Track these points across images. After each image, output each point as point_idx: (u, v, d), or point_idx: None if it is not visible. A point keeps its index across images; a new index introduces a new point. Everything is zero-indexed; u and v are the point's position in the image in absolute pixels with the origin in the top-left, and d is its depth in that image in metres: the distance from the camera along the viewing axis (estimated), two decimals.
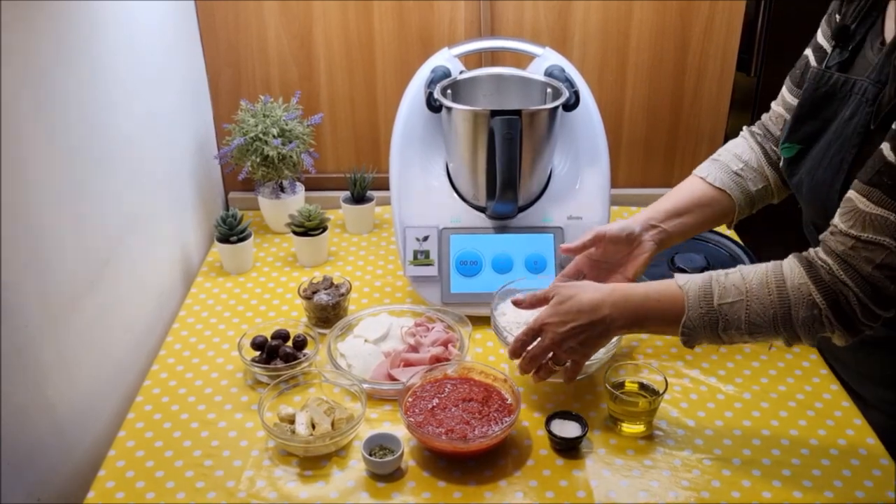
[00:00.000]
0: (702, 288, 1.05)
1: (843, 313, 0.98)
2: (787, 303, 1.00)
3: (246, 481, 1.12)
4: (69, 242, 1.14)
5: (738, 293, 1.02)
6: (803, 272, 1.00)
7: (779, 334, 1.02)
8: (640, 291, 1.10)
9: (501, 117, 1.33)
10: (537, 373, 1.17)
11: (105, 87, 1.25)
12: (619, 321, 1.09)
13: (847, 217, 0.98)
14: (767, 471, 1.13)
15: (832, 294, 0.98)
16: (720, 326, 1.03)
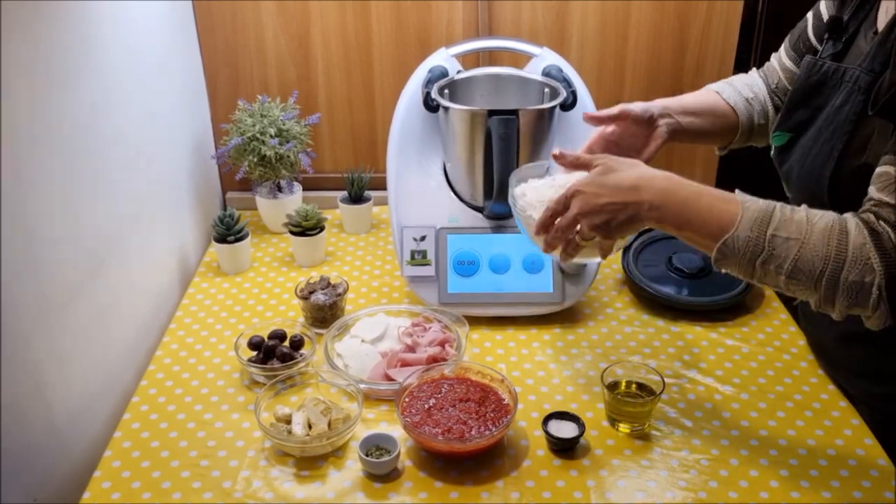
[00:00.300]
0: (762, 211, 0.95)
1: (894, 285, 0.90)
2: (843, 260, 0.92)
3: (242, 481, 1.11)
4: (65, 242, 1.14)
5: (798, 231, 0.93)
6: (866, 234, 0.92)
7: (816, 290, 0.93)
8: (693, 188, 0.99)
9: (499, 117, 1.33)
10: (564, 249, 1.07)
11: (102, 87, 1.25)
12: (656, 213, 0.98)
13: (889, 190, 0.92)
14: (765, 471, 1.13)
15: (891, 262, 0.90)
16: (762, 258, 0.94)
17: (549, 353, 1.38)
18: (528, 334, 1.42)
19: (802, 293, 0.96)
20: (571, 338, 1.42)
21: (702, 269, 1.53)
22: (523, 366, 1.35)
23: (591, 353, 1.38)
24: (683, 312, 1.47)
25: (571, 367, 1.34)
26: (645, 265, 1.56)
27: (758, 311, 1.48)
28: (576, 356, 1.37)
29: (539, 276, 1.43)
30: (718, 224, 0.95)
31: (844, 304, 0.93)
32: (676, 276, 1.53)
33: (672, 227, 1.00)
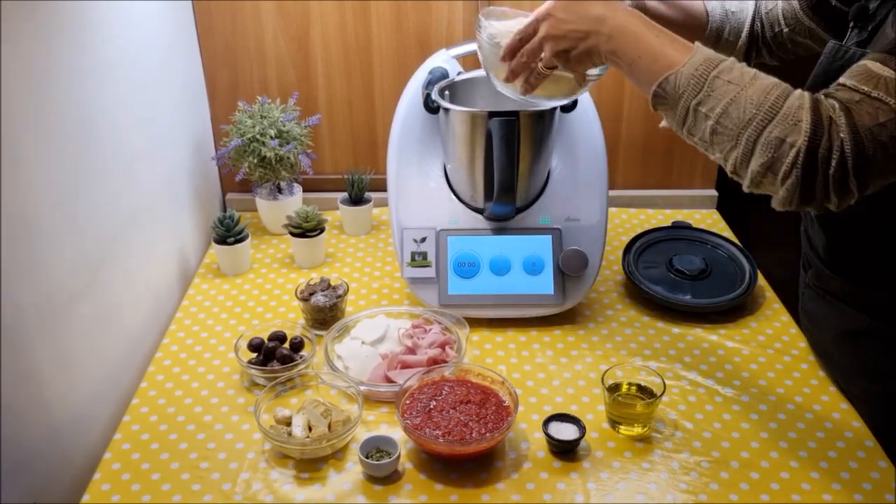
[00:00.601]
0: (714, 56, 0.94)
1: (814, 158, 0.87)
2: (774, 114, 0.89)
3: (242, 484, 1.11)
4: (65, 244, 1.14)
5: (741, 79, 0.92)
6: (807, 100, 0.89)
7: (738, 143, 0.91)
8: (653, 27, 0.99)
9: (499, 119, 1.33)
10: (526, 79, 1.09)
11: (102, 88, 1.25)
12: (612, 44, 0.99)
13: (859, 77, 0.89)
14: (766, 473, 1.13)
15: (819, 131, 0.87)
16: (698, 98, 0.92)
17: (549, 355, 1.37)
18: (528, 336, 1.42)
19: (722, 147, 0.92)
20: (572, 339, 1.41)
21: (703, 271, 1.53)
22: (524, 368, 1.34)
23: (592, 354, 1.38)
24: (684, 314, 1.46)
25: (572, 369, 1.34)
26: (645, 267, 1.56)
27: (758, 312, 1.48)
28: (576, 358, 1.37)
29: (539, 277, 1.43)
30: (668, 62, 0.95)
31: (759, 164, 0.89)
32: (677, 277, 1.53)
33: (624, 63, 0.99)
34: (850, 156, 0.86)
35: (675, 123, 0.97)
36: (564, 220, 1.46)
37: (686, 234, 1.65)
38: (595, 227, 1.46)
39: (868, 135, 0.86)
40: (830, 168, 0.87)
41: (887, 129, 0.86)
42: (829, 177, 0.87)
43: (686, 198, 1.87)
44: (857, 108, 0.87)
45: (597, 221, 1.46)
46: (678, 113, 0.95)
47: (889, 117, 0.86)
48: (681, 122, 0.96)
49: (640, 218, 1.83)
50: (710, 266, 1.54)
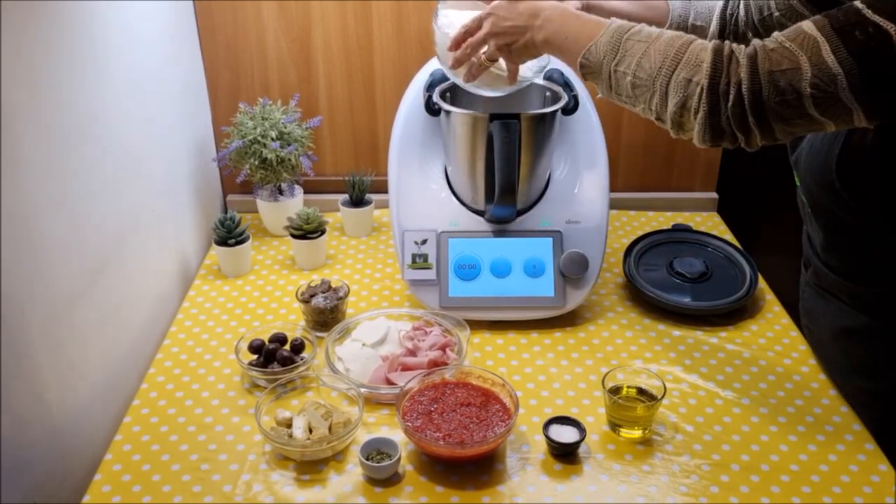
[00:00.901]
0: (626, 24, 1.05)
1: (716, 91, 0.95)
2: (679, 59, 0.98)
3: (242, 485, 1.11)
4: (66, 245, 1.14)
5: (649, 36, 1.02)
6: (710, 44, 0.97)
7: (654, 89, 0.99)
8: (579, 13, 1.11)
9: (500, 121, 1.33)
10: (469, 70, 1.23)
11: (103, 89, 1.25)
12: (543, 33, 1.10)
13: (788, 31, 0.94)
14: (766, 476, 1.13)
15: (719, 68, 0.95)
16: (616, 60, 1.02)
17: (549, 358, 1.38)
18: (529, 338, 1.42)
19: (643, 98, 1.01)
20: (572, 342, 1.41)
21: (703, 274, 1.53)
22: (524, 370, 1.34)
23: (592, 357, 1.38)
24: (684, 317, 1.47)
25: (572, 372, 1.34)
26: (646, 269, 1.56)
27: (759, 315, 1.48)
28: (577, 360, 1.37)
29: (540, 280, 1.43)
30: (588, 36, 1.06)
31: (674, 103, 0.98)
32: (677, 280, 1.53)
33: (556, 48, 1.11)
34: (745, 93, 0.93)
35: (604, 88, 1.07)
36: (565, 222, 1.46)
37: (687, 237, 1.65)
38: (596, 229, 1.46)
39: (766, 77, 0.92)
40: (729, 103, 0.94)
41: (786, 76, 0.91)
42: (728, 108, 0.94)
43: (687, 200, 1.87)
44: (767, 54, 0.93)
45: (597, 224, 1.46)
46: (603, 77, 1.05)
47: (790, 66, 0.91)
48: (607, 86, 1.06)
49: (640, 220, 1.83)
50: (710, 269, 1.54)
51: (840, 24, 0.89)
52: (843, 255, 1.18)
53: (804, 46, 0.91)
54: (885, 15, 0.87)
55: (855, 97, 0.89)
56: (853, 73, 0.88)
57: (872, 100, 0.90)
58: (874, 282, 1.14)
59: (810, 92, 0.90)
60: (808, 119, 0.93)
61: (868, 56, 0.88)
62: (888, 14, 0.87)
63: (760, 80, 0.92)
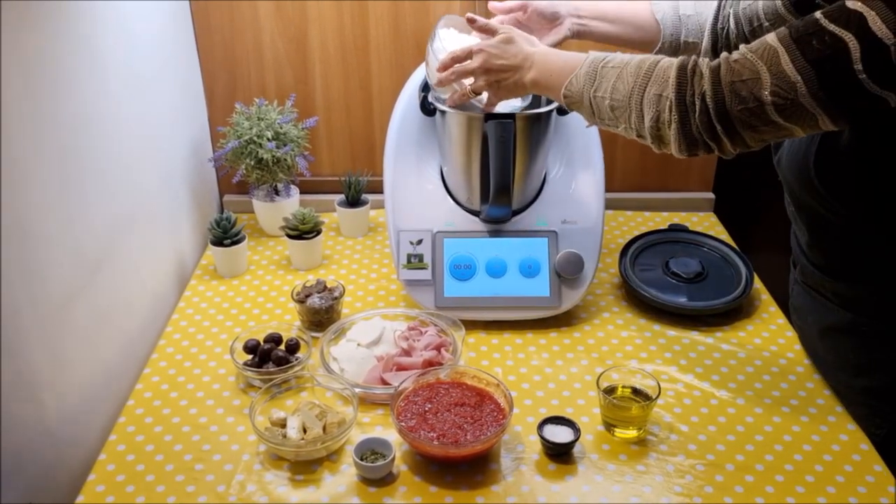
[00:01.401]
0: (600, 55, 1.10)
1: (683, 102, 1.00)
2: (649, 77, 1.03)
3: (236, 486, 1.11)
4: (61, 245, 1.14)
5: (622, 61, 1.07)
6: (676, 62, 1.02)
7: (631, 109, 1.05)
8: (557, 51, 1.19)
9: (495, 121, 1.33)
10: (452, 95, 1.30)
11: (99, 89, 1.25)
12: (531, 73, 1.17)
13: (754, 43, 0.98)
14: (760, 476, 1.13)
15: (684, 82, 1.00)
16: (594, 87, 1.08)
17: (545, 358, 1.38)
18: (524, 338, 1.42)
19: (623, 118, 1.07)
20: (567, 342, 1.41)
21: (698, 274, 1.53)
22: (519, 370, 1.34)
23: (587, 357, 1.38)
24: (679, 317, 1.47)
25: (567, 372, 1.34)
26: (641, 269, 1.56)
27: (754, 316, 1.48)
28: (572, 360, 1.37)
29: (535, 280, 1.43)
30: (569, 70, 1.12)
31: (650, 118, 1.03)
32: (673, 280, 1.53)
33: (543, 87, 1.17)
34: (710, 103, 0.98)
35: (587, 115, 1.13)
36: (561, 222, 1.46)
37: (683, 237, 1.65)
38: (591, 229, 1.46)
39: (728, 87, 0.97)
40: (696, 114, 0.99)
41: (747, 86, 0.96)
42: (696, 118, 0.99)
43: (683, 200, 1.87)
44: (730, 65, 0.98)
45: (593, 224, 1.46)
46: (585, 105, 1.11)
47: (751, 76, 0.95)
48: (590, 112, 1.11)
49: (636, 220, 1.83)
50: (706, 269, 1.54)
51: (799, 34, 0.93)
52: (827, 252, 1.19)
53: (764, 57, 0.95)
54: (840, 24, 0.90)
55: (816, 103, 0.92)
56: (812, 81, 0.92)
57: (833, 104, 0.92)
58: (858, 279, 1.15)
59: (771, 100, 0.94)
60: (774, 125, 0.96)
61: (825, 64, 0.91)
62: (843, 23, 0.90)
63: (723, 90, 0.97)
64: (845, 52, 0.89)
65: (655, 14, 1.33)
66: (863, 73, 0.89)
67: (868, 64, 0.88)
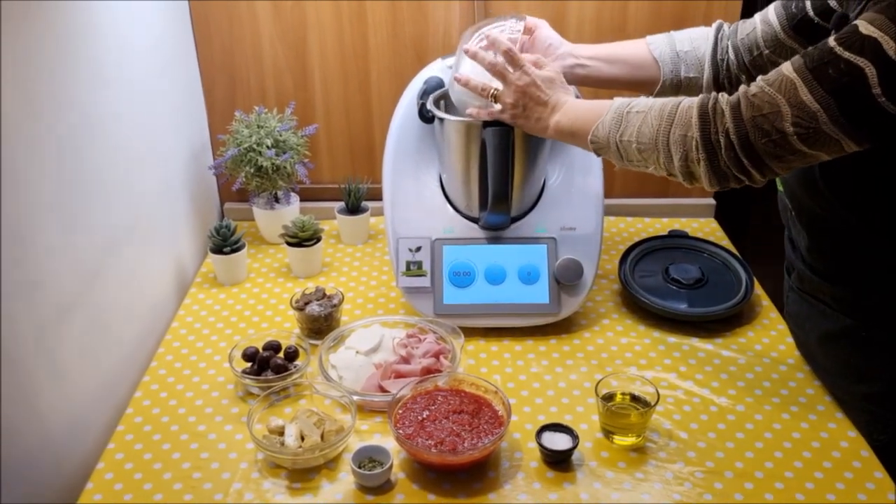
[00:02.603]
0: (625, 101, 1.13)
1: (709, 141, 1.02)
2: (672, 119, 1.06)
3: (234, 494, 1.11)
4: (60, 253, 1.14)
5: (645, 105, 1.10)
6: (696, 101, 1.05)
7: (658, 149, 1.08)
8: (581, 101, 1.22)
9: (493, 128, 1.33)
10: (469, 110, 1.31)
11: (99, 97, 1.26)
12: (556, 116, 1.20)
13: (771, 75, 1.00)
14: (760, 483, 1.12)
15: (707, 121, 1.03)
16: (620, 132, 1.11)
17: (543, 365, 1.37)
18: (523, 345, 1.42)
19: (652, 159, 1.10)
20: (566, 349, 1.41)
21: (698, 280, 1.52)
22: (518, 377, 1.34)
23: (586, 364, 1.37)
24: (679, 324, 1.46)
25: (566, 379, 1.34)
26: (641, 276, 1.55)
27: (754, 322, 1.48)
28: (571, 367, 1.36)
29: (535, 287, 1.43)
30: (595, 116, 1.15)
31: (679, 158, 1.06)
32: (673, 287, 1.52)
33: (566, 133, 1.20)
34: (734, 140, 1.00)
35: (615, 159, 1.15)
36: (560, 229, 1.46)
37: (683, 243, 1.64)
38: (591, 236, 1.46)
39: (750, 122, 0.99)
40: (722, 150, 1.02)
41: (768, 120, 0.98)
42: (723, 155, 1.02)
43: (683, 206, 1.87)
44: (749, 100, 1.00)
45: (592, 230, 1.46)
46: (612, 150, 1.14)
47: (771, 109, 0.97)
48: (618, 156, 1.14)
49: (636, 227, 1.82)
50: (706, 275, 1.54)
51: (814, 64, 0.95)
52: (828, 257, 1.19)
53: (782, 89, 0.97)
54: (855, 51, 0.92)
55: (838, 129, 0.94)
56: (831, 109, 0.94)
57: (855, 129, 0.94)
58: (858, 284, 1.15)
59: (794, 130, 0.96)
60: (800, 154, 0.98)
61: (843, 92, 0.93)
62: (858, 50, 0.91)
63: (745, 126, 0.99)
64: (862, 78, 0.91)
65: (653, 52, 1.33)
66: (882, 97, 0.91)
67: (886, 87, 0.90)
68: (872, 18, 0.91)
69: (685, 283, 1.52)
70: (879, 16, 0.91)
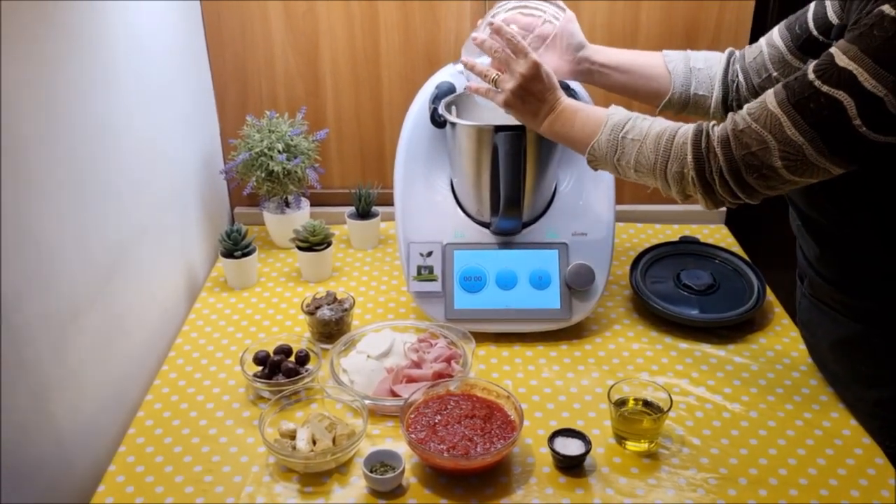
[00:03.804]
0: (621, 119, 1.16)
1: (705, 180, 1.07)
2: (668, 155, 1.10)
3: (246, 497, 1.11)
4: (73, 257, 1.14)
5: (640, 133, 1.13)
6: (690, 134, 1.08)
7: (656, 179, 1.13)
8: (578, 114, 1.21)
9: (505, 133, 1.33)
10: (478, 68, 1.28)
11: (111, 102, 1.26)
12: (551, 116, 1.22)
13: (755, 106, 1.03)
14: (774, 491, 1.12)
15: (701, 160, 1.07)
16: (617, 156, 1.15)
17: (555, 370, 1.37)
18: (534, 350, 1.41)
19: (649, 182, 1.15)
20: (578, 354, 1.41)
21: (710, 286, 1.52)
22: (529, 382, 1.34)
23: (598, 369, 1.37)
24: (691, 329, 1.46)
25: (578, 384, 1.33)
26: (653, 282, 1.55)
27: (767, 328, 1.47)
28: (582, 373, 1.36)
29: (546, 292, 1.42)
30: (591, 132, 1.18)
31: (676, 189, 1.11)
32: (685, 292, 1.52)
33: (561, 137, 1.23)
34: (728, 177, 1.05)
35: (612, 172, 1.20)
36: (571, 234, 1.46)
37: (694, 249, 1.64)
38: (602, 241, 1.45)
39: (741, 160, 1.03)
40: (717, 185, 1.06)
41: (757, 157, 1.02)
42: (719, 189, 1.07)
43: (694, 213, 1.86)
44: (737, 137, 1.03)
45: (604, 236, 1.46)
46: (609, 167, 1.18)
47: (759, 146, 1.01)
48: (615, 172, 1.19)
49: (647, 233, 1.82)
50: (717, 281, 1.53)
51: (796, 98, 0.98)
52: (837, 266, 1.18)
53: (768, 125, 1.00)
54: (833, 84, 0.94)
55: (824, 159, 0.98)
56: (816, 141, 0.97)
57: (840, 157, 0.97)
58: (869, 292, 1.15)
59: (782, 164, 1.00)
60: (790, 182, 1.03)
61: (825, 125, 0.96)
62: (836, 83, 0.94)
63: (737, 163, 1.03)
64: (842, 111, 0.94)
65: (668, 65, 1.33)
66: (863, 127, 0.93)
67: (866, 117, 0.93)
68: (846, 49, 0.94)
69: (697, 288, 1.52)
70: (853, 46, 0.93)
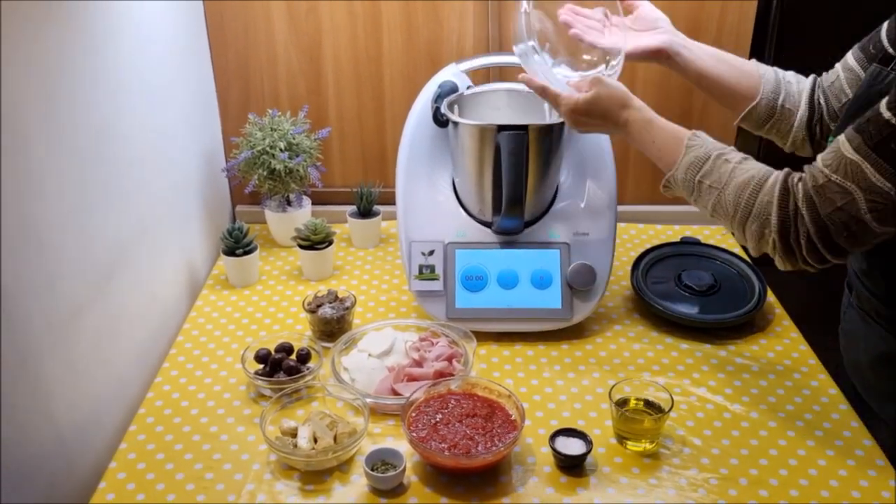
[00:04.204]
0: (698, 158, 1.12)
1: (788, 244, 1.03)
2: (749, 211, 1.06)
3: (247, 495, 1.11)
4: (74, 254, 1.14)
5: (719, 181, 1.09)
6: (776, 193, 1.04)
7: (733, 229, 1.10)
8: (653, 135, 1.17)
9: (508, 132, 1.33)
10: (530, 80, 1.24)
11: (114, 100, 1.26)
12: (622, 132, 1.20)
13: (829, 156, 1.00)
14: (775, 491, 1.12)
15: (787, 224, 1.03)
16: (693, 196, 1.13)
17: (556, 370, 1.37)
18: (535, 350, 1.42)
19: (725, 225, 1.11)
20: (579, 354, 1.41)
21: (711, 287, 1.52)
22: (531, 382, 1.34)
23: (599, 369, 1.37)
24: (692, 330, 1.46)
25: (579, 384, 1.33)
26: (654, 282, 1.55)
27: (767, 329, 1.47)
28: (584, 373, 1.36)
29: (547, 291, 1.42)
30: (666, 163, 1.15)
31: (752, 245, 1.08)
32: (686, 293, 1.52)
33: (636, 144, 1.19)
34: (816, 239, 1.01)
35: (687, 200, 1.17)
36: (573, 234, 1.46)
37: (695, 250, 1.64)
38: (604, 241, 1.45)
39: (829, 220, 1.00)
40: (803, 248, 1.03)
41: (844, 212, 0.99)
42: (804, 253, 1.03)
43: (696, 213, 1.86)
44: (821, 192, 1.00)
45: (605, 236, 1.46)
46: (685, 198, 1.16)
47: (846, 200, 0.98)
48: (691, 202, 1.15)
49: (649, 233, 1.82)
50: (718, 282, 1.54)
51: (874, 141, 0.95)
52: (884, 280, 1.17)
53: (849, 175, 0.97)
54: None
55: None
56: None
57: None
58: None
59: (870, 215, 0.97)
60: (880, 235, 0.99)
61: None
62: None
63: (825, 223, 1.00)
64: None
65: (758, 69, 1.29)
66: None
67: None
68: None
69: (698, 289, 1.52)
70: None
